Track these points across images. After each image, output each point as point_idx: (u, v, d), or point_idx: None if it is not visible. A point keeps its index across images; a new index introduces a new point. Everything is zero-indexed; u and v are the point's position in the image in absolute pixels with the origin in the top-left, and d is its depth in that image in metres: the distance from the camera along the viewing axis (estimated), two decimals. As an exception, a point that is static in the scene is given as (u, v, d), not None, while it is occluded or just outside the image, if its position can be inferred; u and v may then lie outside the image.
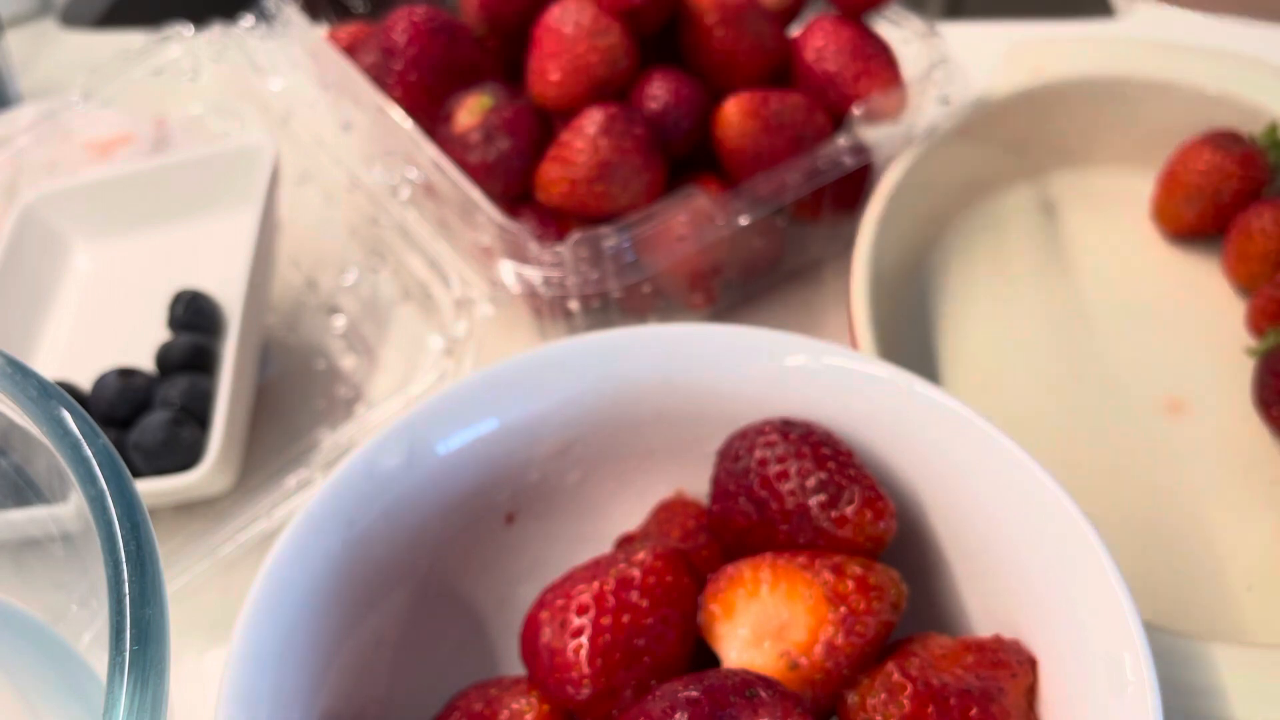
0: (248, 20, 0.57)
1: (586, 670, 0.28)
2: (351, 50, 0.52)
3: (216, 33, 0.58)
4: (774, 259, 0.51)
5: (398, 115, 0.48)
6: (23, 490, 0.25)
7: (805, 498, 0.29)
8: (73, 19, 0.78)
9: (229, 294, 0.47)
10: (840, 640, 0.27)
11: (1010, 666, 0.28)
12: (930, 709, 0.26)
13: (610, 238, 0.43)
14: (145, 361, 0.45)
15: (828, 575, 0.28)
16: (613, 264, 0.43)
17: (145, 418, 0.42)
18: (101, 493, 0.21)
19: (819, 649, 0.27)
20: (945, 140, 0.51)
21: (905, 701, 0.26)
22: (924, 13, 0.52)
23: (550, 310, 0.47)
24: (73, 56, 0.73)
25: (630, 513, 0.36)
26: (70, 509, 0.22)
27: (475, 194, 0.44)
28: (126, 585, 0.20)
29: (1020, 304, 0.51)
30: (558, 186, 0.45)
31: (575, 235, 0.43)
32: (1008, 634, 0.29)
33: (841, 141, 0.47)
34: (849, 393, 0.32)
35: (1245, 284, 0.50)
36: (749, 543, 0.31)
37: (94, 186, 0.52)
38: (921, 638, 0.29)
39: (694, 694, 0.25)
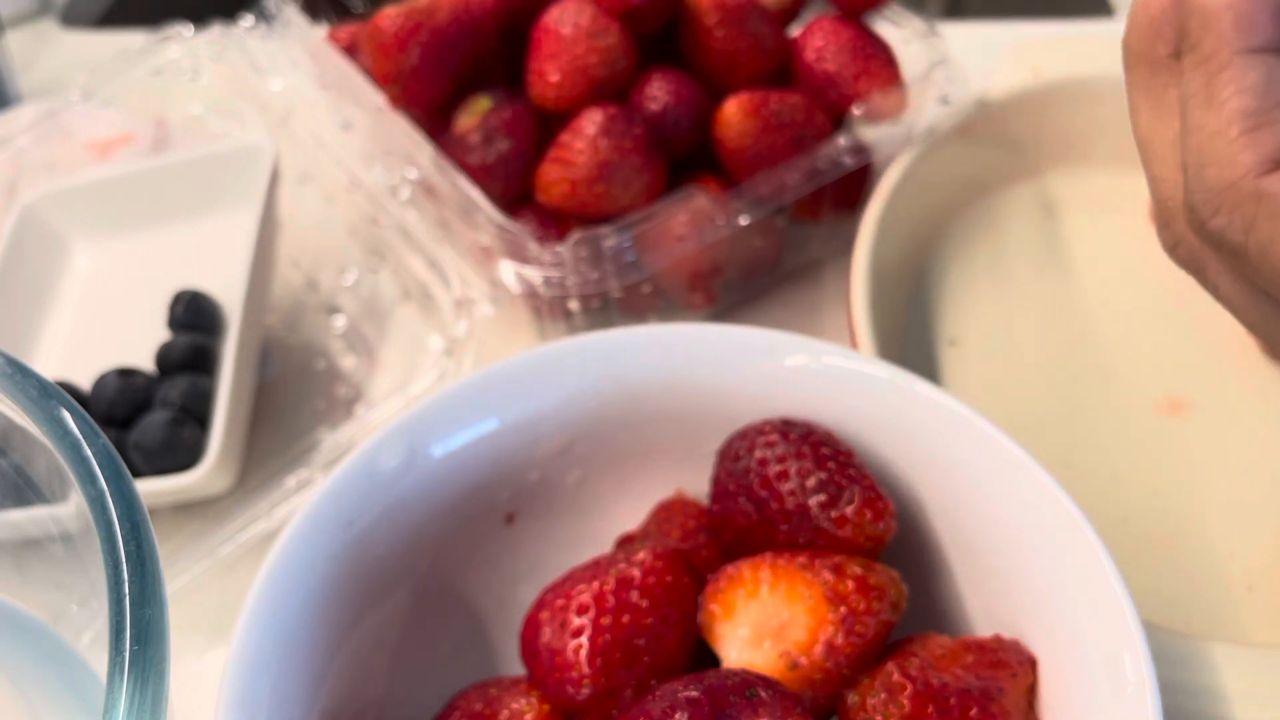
0: (248, 20, 0.57)
1: (586, 670, 0.28)
2: (351, 50, 0.52)
3: (216, 33, 0.58)
4: (774, 259, 0.51)
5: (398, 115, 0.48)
6: (23, 490, 0.25)
7: (805, 497, 0.29)
8: (73, 19, 0.78)
9: (229, 294, 0.47)
10: (840, 640, 0.27)
11: (1010, 666, 0.28)
12: (930, 709, 0.26)
13: (610, 238, 0.43)
14: (145, 361, 0.45)
15: (828, 575, 0.28)
16: (613, 264, 0.43)
17: (145, 418, 0.42)
18: (101, 493, 0.21)
19: (819, 649, 0.27)
20: (945, 140, 0.51)
21: (905, 701, 0.26)
22: (924, 13, 0.52)
23: (550, 310, 0.47)
24: (73, 56, 0.73)
25: (630, 513, 0.36)
26: (70, 509, 0.22)
27: (475, 194, 0.44)
28: (126, 585, 0.20)
29: (1020, 304, 0.51)
30: (558, 187, 0.45)
31: (575, 235, 0.43)
32: (1008, 634, 0.29)
33: (841, 141, 0.47)
34: (849, 393, 0.32)
35: (1245, 284, 0.49)
36: (749, 543, 0.31)
37: (94, 186, 0.52)
38: (921, 638, 0.29)
39: (694, 694, 0.25)
